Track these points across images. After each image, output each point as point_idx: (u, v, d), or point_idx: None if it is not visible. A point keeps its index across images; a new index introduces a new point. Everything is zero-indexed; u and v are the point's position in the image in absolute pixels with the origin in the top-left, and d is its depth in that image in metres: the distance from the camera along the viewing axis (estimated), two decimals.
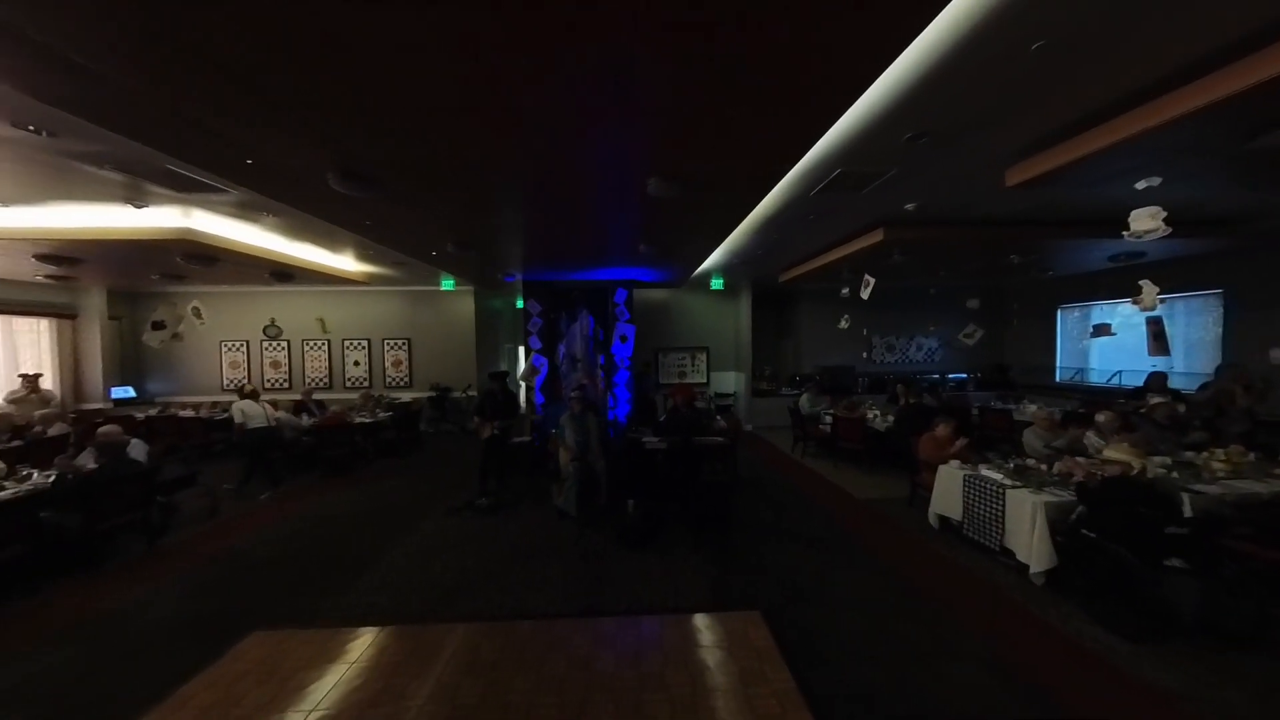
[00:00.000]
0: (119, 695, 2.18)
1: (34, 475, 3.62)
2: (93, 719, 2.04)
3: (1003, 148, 3.13)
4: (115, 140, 2.70)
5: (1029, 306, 9.05)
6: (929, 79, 2.26)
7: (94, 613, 2.89)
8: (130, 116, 2.28)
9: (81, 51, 1.76)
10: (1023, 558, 3.09)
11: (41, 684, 2.28)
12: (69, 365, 7.86)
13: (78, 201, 4.08)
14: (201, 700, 2.12)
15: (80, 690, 2.24)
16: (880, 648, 2.47)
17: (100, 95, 2.06)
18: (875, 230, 5.10)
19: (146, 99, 2.09)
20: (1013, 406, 6.78)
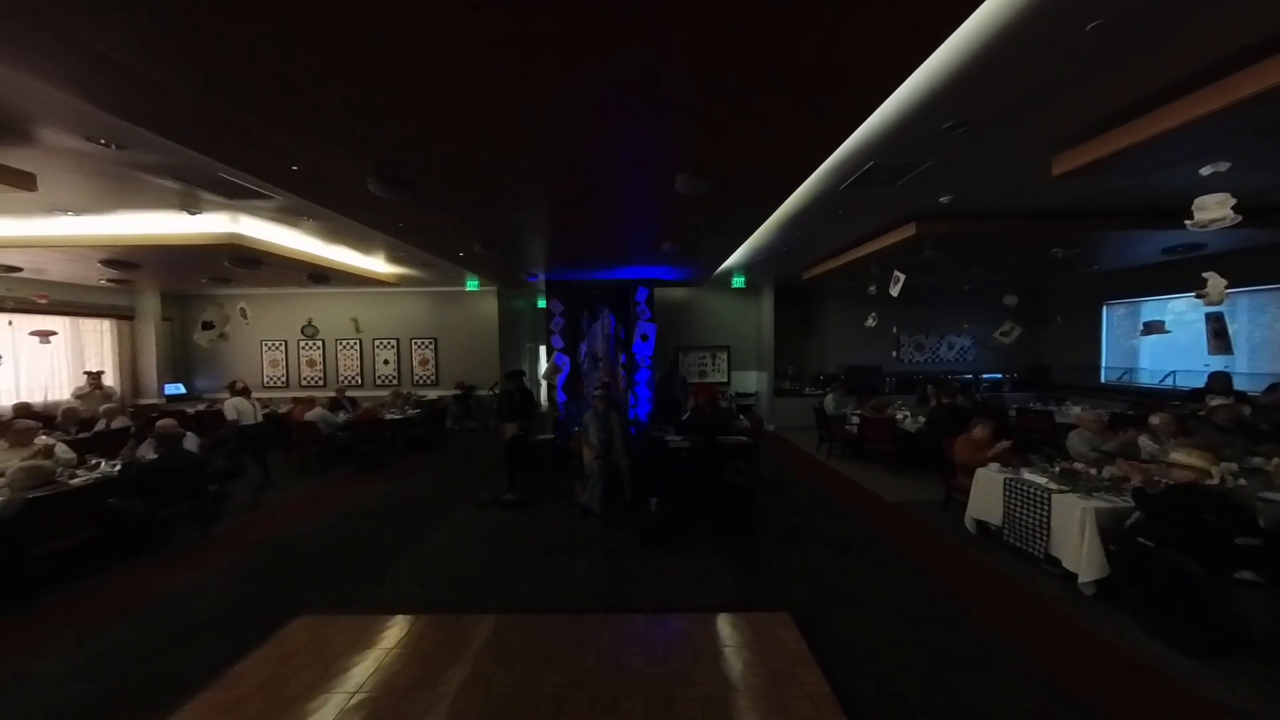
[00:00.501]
0: (180, 672, 2.33)
1: (101, 464, 3.89)
2: (157, 693, 2.18)
3: (1049, 135, 2.98)
4: (174, 150, 2.88)
5: (1071, 303, 8.58)
6: (974, 63, 2.17)
7: (155, 594, 3.09)
8: (189, 127, 2.43)
9: (153, 68, 1.89)
10: (1070, 566, 2.93)
11: (111, 659, 2.45)
12: (127, 363, 8.44)
13: (138, 210, 4.37)
14: (254, 679, 2.24)
15: (145, 665, 2.40)
16: (918, 654, 2.39)
17: (165, 108, 2.20)
18: (907, 225, 4.94)
19: (205, 110, 2.22)
20: (1054, 408, 6.46)
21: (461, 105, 2.23)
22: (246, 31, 1.70)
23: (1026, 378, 8.98)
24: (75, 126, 2.71)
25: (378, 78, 1.99)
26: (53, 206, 4.16)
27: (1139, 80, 2.38)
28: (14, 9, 1.55)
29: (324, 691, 2.15)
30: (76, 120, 2.63)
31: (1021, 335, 7.50)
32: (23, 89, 2.30)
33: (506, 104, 2.22)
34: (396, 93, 2.11)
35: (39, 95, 2.35)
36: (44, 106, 2.49)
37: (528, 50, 1.83)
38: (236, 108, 2.21)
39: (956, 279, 8.40)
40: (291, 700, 2.10)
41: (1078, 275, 8.26)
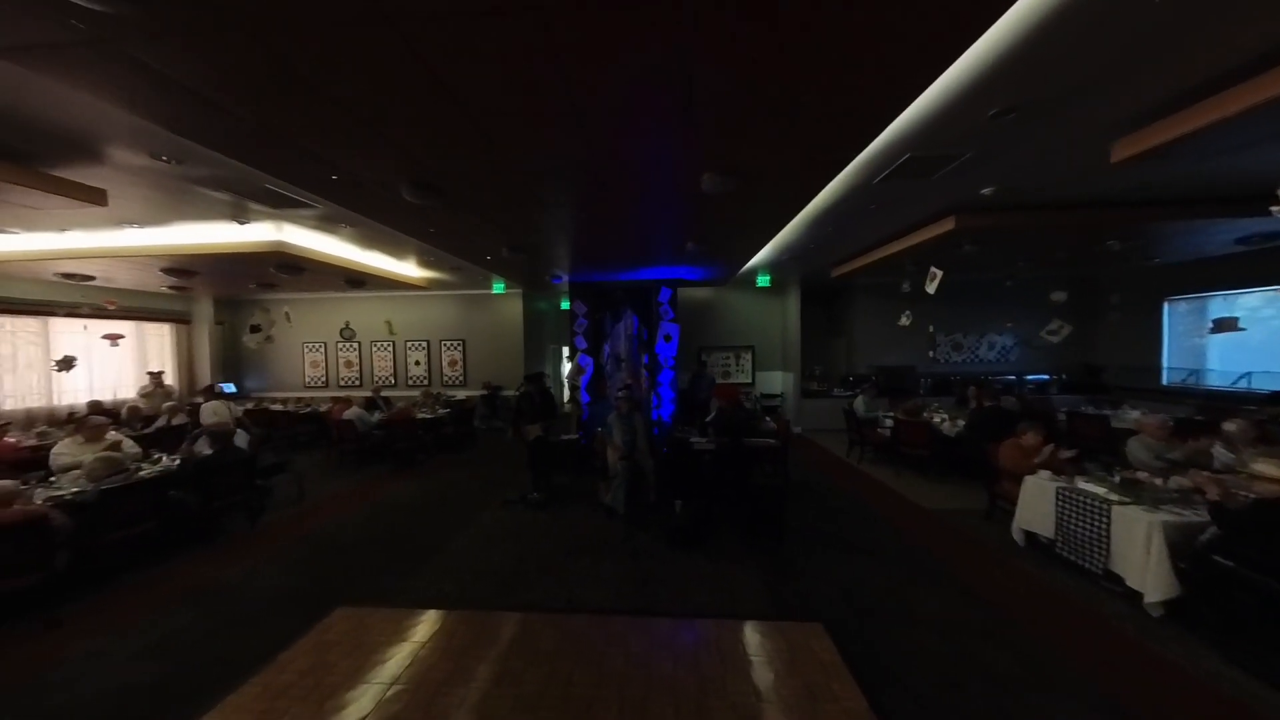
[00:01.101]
0: (234, 655, 2.47)
1: (163, 459, 4.18)
2: (214, 675, 2.32)
3: (1108, 119, 2.77)
4: (225, 164, 3.06)
5: (1128, 299, 7.97)
6: (1026, 44, 2.03)
7: (211, 581, 3.29)
8: (240, 141, 2.57)
9: (208, 87, 2.01)
10: (1134, 584, 2.71)
11: (174, 641, 2.62)
12: (185, 364, 9.07)
13: (195, 221, 4.68)
14: (299, 666, 2.35)
15: (203, 648, 2.56)
16: (963, 673, 2.26)
17: (218, 124, 2.33)
18: (945, 219, 4.71)
19: (254, 125, 2.35)
20: (1109, 412, 6.01)
21: (490, 111, 2.26)
22: (292, 49, 1.78)
23: (1077, 379, 8.40)
24: (140, 145, 2.92)
25: (412, 87, 2.05)
26: (120, 220, 4.51)
27: (1213, 55, 2.18)
28: (87, 38, 1.68)
29: (363, 682, 2.23)
30: (141, 139, 2.84)
31: (1072, 334, 7.03)
32: (95, 111, 2.49)
33: (535, 109, 2.24)
34: (429, 101, 2.16)
35: (109, 116, 2.54)
36: (113, 127, 2.70)
37: (557, 56, 1.84)
38: (282, 121, 2.33)
39: (999, 274, 7.95)
40: (333, 689, 2.18)
41: (1136, 269, 7.67)
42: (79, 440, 4.01)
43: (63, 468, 3.77)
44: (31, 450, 4.84)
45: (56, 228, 4.77)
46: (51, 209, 3.65)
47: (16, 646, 2.56)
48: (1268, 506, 2.32)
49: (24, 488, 3.15)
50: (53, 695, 2.20)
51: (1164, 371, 7.73)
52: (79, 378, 7.43)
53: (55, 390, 7.20)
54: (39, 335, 7.07)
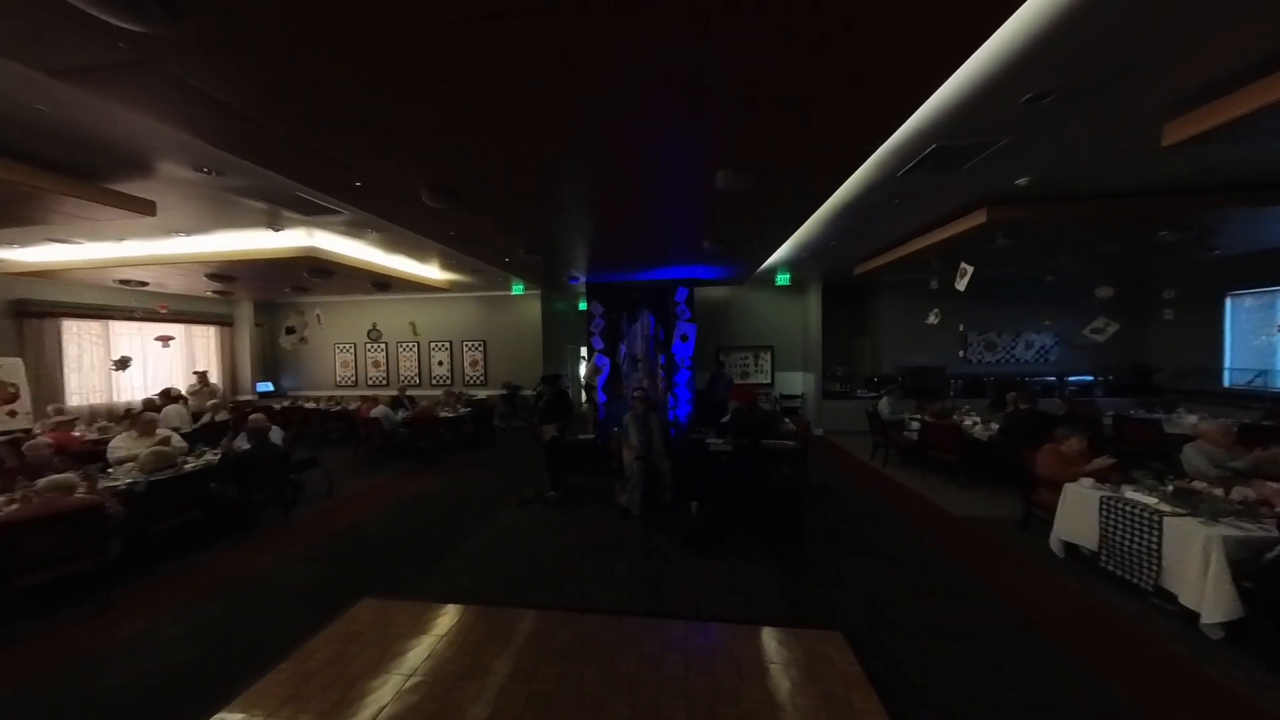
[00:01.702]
0: (267, 641, 2.59)
1: (207, 453, 4.44)
2: (249, 659, 2.44)
3: (1159, 99, 2.56)
4: (261, 174, 3.23)
5: (1184, 294, 7.39)
6: (1063, 20, 1.91)
7: (247, 570, 3.47)
8: (273, 152, 2.70)
9: (245, 102, 2.11)
10: (1189, 603, 2.50)
11: (213, 626, 2.77)
12: (228, 364, 9.62)
13: (234, 229, 4.96)
14: (324, 654, 2.44)
15: (239, 633, 2.69)
16: (996, 691, 2.14)
17: (254, 137, 2.46)
18: (976, 211, 4.48)
19: (286, 136, 2.46)
20: (1162, 416, 5.59)
21: (504, 115, 2.29)
22: (318, 62, 1.85)
23: (1125, 380, 7.85)
24: (184, 158, 3.11)
25: (428, 94, 2.10)
26: (169, 229, 4.82)
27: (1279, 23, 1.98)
28: (133, 58, 1.79)
29: (384, 672, 2.30)
30: (185, 153, 3.02)
31: (1118, 332, 6.58)
32: (143, 128, 2.67)
33: (548, 111, 2.25)
34: (445, 107, 2.21)
35: (156, 132, 2.72)
36: (160, 142, 2.88)
37: (567, 57, 1.84)
38: (309, 131, 2.43)
39: (1036, 270, 7.53)
40: (355, 678, 2.26)
41: (1193, 261, 7.10)
42: (133, 435, 4.30)
43: (118, 460, 4.06)
44: (93, 443, 5.23)
45: (115, 238, 5.14)
46: (108, 220, 3.93)
47: (75, 626, 2.77)
48: None
49: (84, 479, 3.40)
50: (105, 673, 2.37)
51: (1226, 373, 7.13)
52: (134, 376, 8.00)
53: (114, 388, 7.77)
54: (101, 337, 7.64)
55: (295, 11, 1.59)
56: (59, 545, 2.83)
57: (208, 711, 2.07)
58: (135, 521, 3.38)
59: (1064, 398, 7.32)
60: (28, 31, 1.65)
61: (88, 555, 2.93)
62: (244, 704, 2.11)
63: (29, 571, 2.73)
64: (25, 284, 6.52)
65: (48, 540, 2.79)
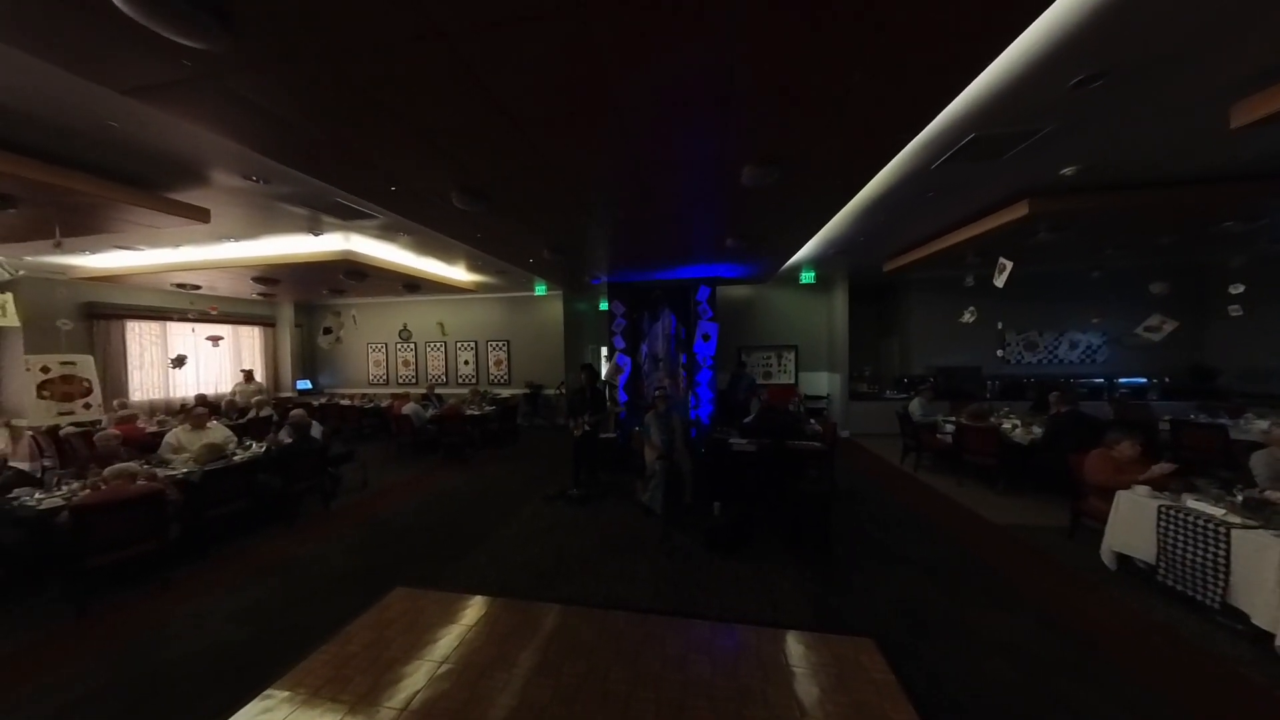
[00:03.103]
0: (309, 624, 2.73)
1: (253, 446, 4.71)
2: (293, 640, 2.57)
3: (1224, 79, 2.37)
4: (302, 180, 3.40)
5: (1253, 290, 6.79)
6: None
7: (290, 557, 3.66)
8: (315, 158, 2.83)
9: (288, 110, 2.23)
10: (1262, 623, 2.30)
11: (260, 608, 2.94)
12: (270, 363, 10.18)
13: (278, 234, 5.23)
14: (362, 639, 2.55)
15: (284, 616, 2.84)
16: (1039, 707, 2.03)
17: (297, 144, 2.59)
18: (1017, 204, 4.26)
19: (327, 143, 2.58)
20: (1227, 421, 5.17)
21: (533, 115, 2.33)
22: (356, 70, 1.93)
23: (1183, 383, 7.30)
24: (234, 167, 3.31)
25: (461, 97, 2.16)
26: (220, 235, 5.14)
27: None
28: (195, 74, 1.92)
29: (417, 659, 2.38)
30: (235, 161, 3.21)
31: (1175, 331, 6.11)
32: (198, 139, 2.86)
33: (575, 110, 2.28)
34: (476, 110, 2.26)
35: (209, 143, 2.90)
36: (213, 152, 3.07)
37: (594, 56, 1.86)
38: (348, 137, 2.54)
39: (1082, 265, 7.09)
40: (391, 663, 2.35)
41: (1263, 254, 6.53)
42: (187, 428, 4.60)
43: (171, 451, 4.35)
44: (152, 435, 5.63)
45: (172, 244, 5.52)
46: (167, 227, 4.23)
47: (138, 604, 2.99)
48: None
49: (144, 467, 3.67)
50: (164, 648, 2.54)
51: None
52: (189, 373, 8.56)
53: (170, 385, 8.34)
54: (159, 337, 8.22)
55: (340, 22, 1.66)
56: (126, 528, 3.06)
57: (259, 685, 2.19)
58: (191, 508, 3.62)
59: (1113, 400, 6.87)
60: (98, 51, 1.79)
61: (151, 538, 3.15)
62: (289, 682, 2.22)
63: (100, 552, 2.96)
64: (94, 288, 7.09)
65: (117, 524, 3.03)
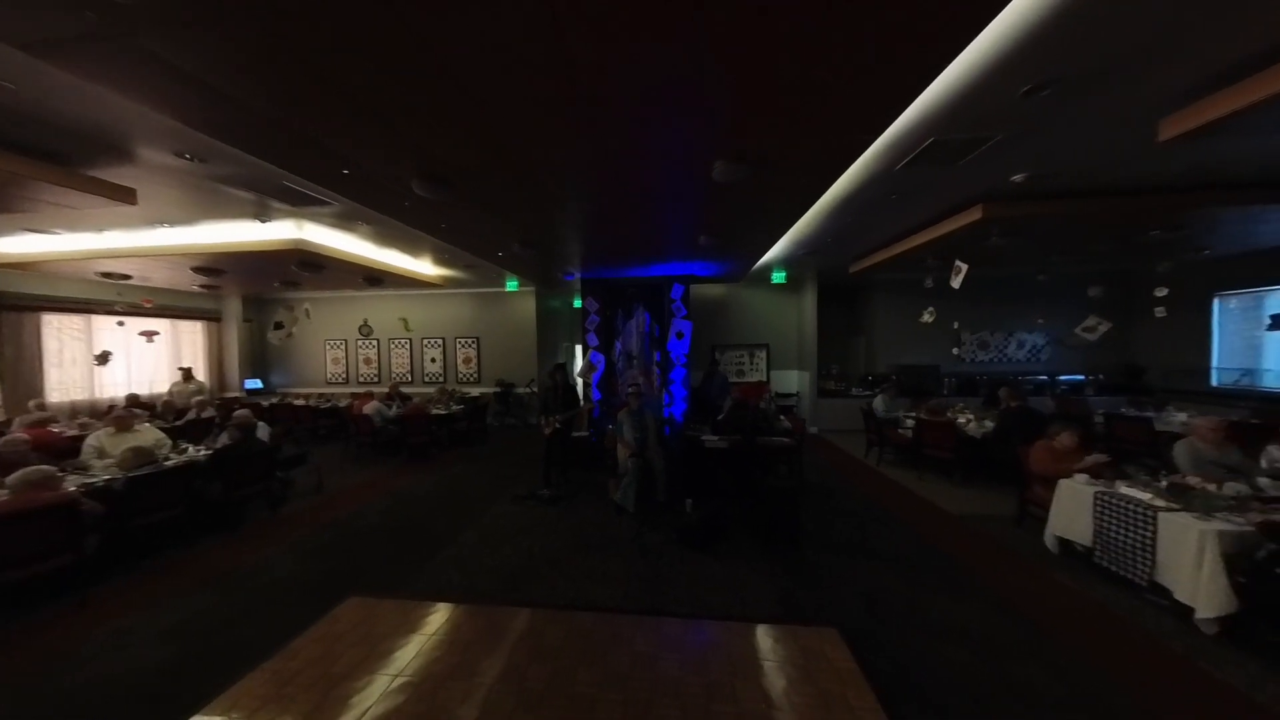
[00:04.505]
0: (251, 639, 2.51)
1: (189, 449, 4.33)
2: (231, 658, 2.36)
3: (1156, 93, 2.56)
4: (246, 162, 3.13)
5: (1174, 294, 7.46)
6: (1064, 9, 1.88)
7: (232, 567, 3.38)
8: (255, 136, 2.61)
9: (223, 81, 2.03)
10: (1183, 598, 2.50)
11: (195, 624, 2.69)
12: (215, 360, 9.44)
13: (220, 220, 4.84)
14: (308, 654, 2.37)
15: (222, 631, 2.61)
16: (992, 688, 2.12)
17: (235, 119, 2.37)
18: (971, 208, 4.48)
19: (267, 119, 2.38)
20: (1153, 414, 5.65)
21: (496, 99, 2.23)
22: (296, 35, 1.78)
23: (1115, 380, 7.94)
24: (164, 143, 3.01)
25: (416, 74, 2.03)
26: (152, 220, 4.69)
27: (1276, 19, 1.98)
28: (102, 30, 1.71)
29: (370, 672, 2.23)
30: (165, 137, 2.92)
31: (1109, 332, 6.63)
32: (120, 109, 2.57)
33: (540, 95, 2.20)
34: (438, 92, 2.14)
35: (133, 114, 2.62)
36: (138, 125, 2.78)
37: (560, 38, 1.79)
38: (294, 114, 2.35)
39: (1030, 269, 7.58)
40: (340, 678, 2.19)
41: (1181, 262, 7.18)
42: (110, 431, 4.18)
43: (92, 456, 3.94)
44: (72, 440, 5.09)
45: (95, 228, 5.00)
46: (86, 208, 3.81)
47: (51, 624, 2.67)
48: None
49: (60, 474, 3.29)
50: (78, 671, 2.28)
51: (1213, 372, 7.22)
52: (118, 372, 7.81)
53: (97, 384, 7.58)
54: (83, 332, 7.45)
55: None
56: (34, 542, 2.73)
57: (185, 712, 1.99)
58: (113, 518, 3.28)
59: (1055, 397, 7.39)
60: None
61: (63, 552, 2.83)
62: (222, 705, 2.04)
63: (2, 569, 2.63)
64: (2, 276, 6.33)
65: (22, 537, 2.69)
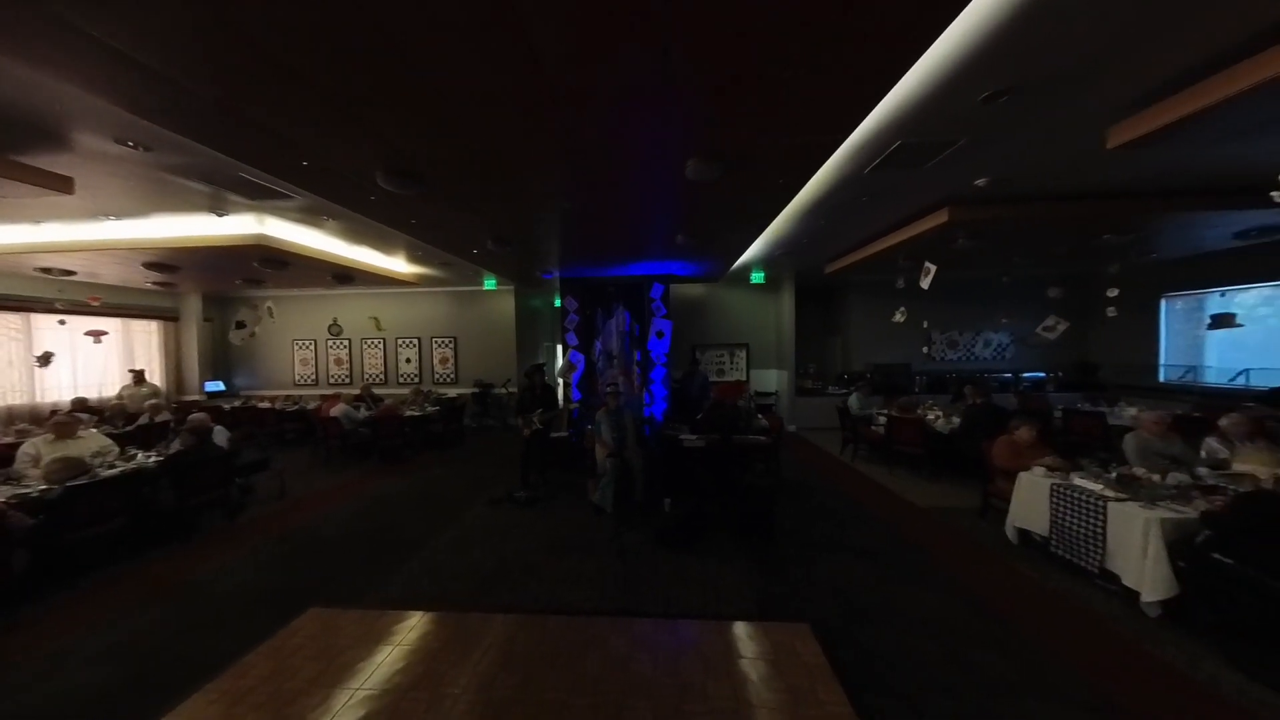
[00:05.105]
0: (202, 656, 2.37)
1: (139, 456, 4.08)
2: (179, 677, 2.22)
3: (1107, 102, 2.68)
4: (197, 151, 2.96)
5: (1125, 296, 7.89)
6: (1019, 18, 1.95)
7: (184, 579, 3.19)
8: (203, 122, 2.46)
9: (159, 60, 1.90)
10: (1130, 583, 2.63)
11: (140, 642, 2.52)
12: (172, 362, 8.94)
13: (173, 213, 4.57)
14: (261, 670, 2.25)
15: (170, 649, 2.46)
16: (957, 677, 2.18)
17: (178, 103, 2.23)
18: (938, 211, 4.62)
19: (216, 104, 2.25)
20: (1106, 409, 5.95)
21: (461, 89, 2.17)
22: (247, 16, 1.68)
23: (1073, 377, 8.35)
24: (103, 129, 2.81)
25: (378, 63, 1.95)
26: (95, 211, 4.40)
27: (1221, 30, 2.09)
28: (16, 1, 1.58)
29: (328, 686, 2.13)
30: (104, 122, 2.73)
31: (1068, 331, 6.95)
32: (54, 92, 2.39)
33: (506, 87, 2.14)
34: (398, 79, 2.06)
35: (68, 97, 2.44)
36: (73, 109, 2.59)
37: (523, 28, 1.74)
38: (244, 99, 2.22)
39: (994, 271, 7.88)
40: (295, 695, 2.09)
41: (1132, 265, 7.60)
42: (49, 438, 3.90)
43: (32, 464, 3.66)
44: (6, 448, 4.72)
45: (30, 219, 4.65)
46: (17, 197, 3.54)
47: None
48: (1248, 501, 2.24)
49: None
50: (6, 700, 2.10)
51: (1160, 369, 7.67)
52: (62, 375, 7.31)
53: (38, 387, 7.07)
54: (21, 331, 6.94)
55: None
56: None
57: None
58: (48, 531, 3.05)
59: (1018, 393, 7.71)
60: None
61: None
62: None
63: None
64: None
65: None
